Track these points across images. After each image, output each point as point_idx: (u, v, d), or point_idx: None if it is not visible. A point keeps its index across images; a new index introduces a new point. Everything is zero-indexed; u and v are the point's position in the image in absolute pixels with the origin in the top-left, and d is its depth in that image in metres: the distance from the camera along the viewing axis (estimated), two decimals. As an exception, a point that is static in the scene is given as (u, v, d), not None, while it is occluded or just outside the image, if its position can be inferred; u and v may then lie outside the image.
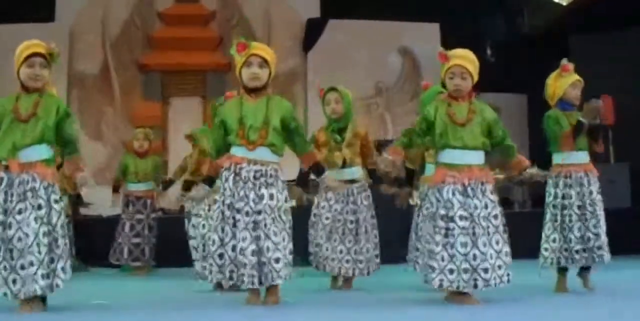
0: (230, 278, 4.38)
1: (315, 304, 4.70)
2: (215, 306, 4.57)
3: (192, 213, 6.92)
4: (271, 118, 4.51)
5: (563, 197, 5.12)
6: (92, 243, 8.49)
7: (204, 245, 5.79)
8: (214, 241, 4.43)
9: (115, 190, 8.17)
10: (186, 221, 7.03)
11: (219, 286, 5.71)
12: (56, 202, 4.27)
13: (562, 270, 5.19)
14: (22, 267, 4.11)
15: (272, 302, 4.47)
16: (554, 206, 5.16)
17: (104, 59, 12.21)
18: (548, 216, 5.19)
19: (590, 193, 5.12)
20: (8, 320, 4.01)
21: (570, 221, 5.09)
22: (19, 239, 4.13)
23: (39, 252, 4.12)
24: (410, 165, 5.96)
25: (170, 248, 7.73)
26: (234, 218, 4.39)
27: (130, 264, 7.91)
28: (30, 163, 4.25)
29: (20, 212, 4.17)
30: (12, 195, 4.20)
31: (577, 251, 5.07)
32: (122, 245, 7.90)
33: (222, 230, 4.41)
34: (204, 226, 5.87)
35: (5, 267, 4.13)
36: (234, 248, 4.36)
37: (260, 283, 4.38)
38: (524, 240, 6.51)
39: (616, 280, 5.73)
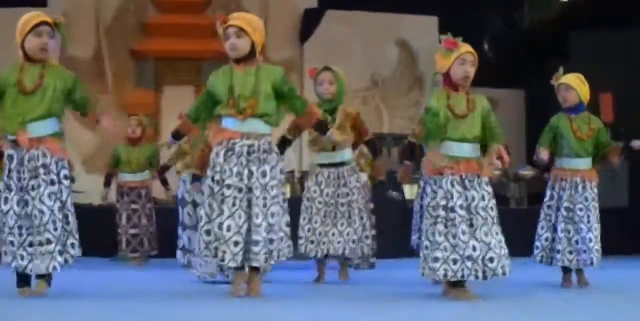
0: (215, 255, 4.36)
1: (306, 298, 4.63)
2: (201, 298, 4.51)
3: (187, 200, 6.86)
4: (260, 87, 4.42)
5: (557, 199, 5.28)
6: (82, 232, 8.37)
7: None
8: (201, 218, 4.43)
9: (107, 183, 8.00)
10: (180, 208, 6.95)
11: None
12: (65, 177, 4.29)
13: (565, 268, 5.32)
14: (40, 244, 4.16)
15: (253, 292, 4.42)
16: (549, 207, 5.35)
17: (97, 45, 12.10)
18: (542, 216, 5.38)
19: (585, 199, 5.26)
20: (5, 304, 3.98)
21: (557, 222, 5.26)
22: (35, 216, 4.17)
23: (55, 229, 4.17)
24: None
25: (164, 238, 7.64)
26: (222, 194, 4.35)
27: (129, 255, 7.80)
28: (40, 138, 4.25)
29: (33, 188, 4.19)
30: (24, 172, 4.21)
31: (558, 251, 5.21)
32: (121, 236, 7.81)
33: (210, 206, 4.38)
34: None
35: (19, 243, 4.17)
36: (220, 226, 4.32)
37: (242, 262, 4.34)
38: (519, 237, 6.45)
39: (614, 279, 5.71)
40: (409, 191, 9.27)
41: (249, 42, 4.45)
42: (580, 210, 5.22)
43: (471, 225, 4.35)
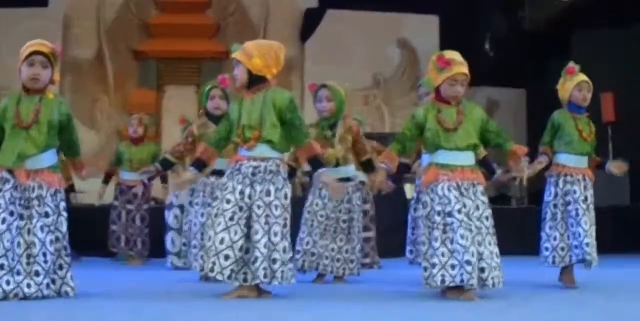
0: (211, 269, 4.32)
1: (307, 297, 4.63)
2: (201, 298, 4.51)
3: (174, 204, 6.96)
4: (266, 116, 4.43)
5: (565, 194, 5.13)
6: (84, 232, 8.37)
7: (199, 234, 5.82)
8: (202, 235, 4.52)
9: (106, 180, 8.02)
10: (166, 211, 7.08)
11: (205, 277, 5.67)
12: (65, 209, 4.26)
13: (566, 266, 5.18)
14: (19, 273, 4.07)
15: (263, 296, 4.45)
16: (555, 205, 5.17)
17: (98, 45, 12.12)
18: (548, 215, 5.19)
19: (586, 198, 5.16)
20: (4, 304, 3.95)
21: (577, 215, 5.07)
22: (26, 246, 4.11)
23: (45, 261, 4.12)
24: (405, 159, 5.85)
25: (161, 239, 7.65)
26: (218, 208, 4.37)
27: (127, 252, 7.82)
28: (37, 170, 4.22)
29: (24, 218, 4.15)
30: (19, 198, 4.16)
31: (575, 247, 5.06)
32: (119, 233, 7.81)
33: (212, 223, 4.39)
34: (202, 215, 5.79)
35: (9, 267, 4.09)
36: (209, 238, 4.33)
37: (238, 279, 4.34)
38: (520, 236, 6.46)
39: (614, 278, 5.71)
40: (409, 190, 9.29)
41: (245, 71, 4.46)
42: (584, 209, 5.08)
43: (471, 231, 4.32)
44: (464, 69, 4.49)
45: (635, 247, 8.72)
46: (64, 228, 4.23)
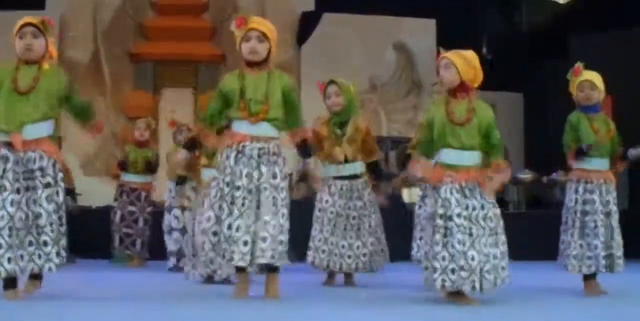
0: (224, 256, 4.37)
1: (312, 300, 4.64)
2: (202, 300, 4.51)
3: (173, 205, 6.99)
4: (273, 92, 4.47)
5: (584, 203, 5.09)
6: (80, 234, 8.37)
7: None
8: (209, 218, 4.44)
9: (116, 176, 8.07)
10: (166, 213, 7.10)
11: (208, 279, 5.65)
12: (62, 180, 4.33)
13: (591, 275, 5.14)
14: (37, 245, 4.17)
15: (270, 293, 4.46)
16: (575, 212, 5.11)
17: (94, 48, 12.11)
18: (576, 223, 5.11)
19: (612, 201, 5.14)
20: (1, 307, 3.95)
21: (595, 227, 5.05)
22: (33, 218, 4.18)
23: (52, 231, 4.20)
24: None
25: (161, 241, 7.65)
26: (232, 196, 4.39)
27: (126, 252, 7.83)
28: (36, 140, 4.25)
29: (30, 189, 4.20)
30: (22, 172, 4.20)
31: (604, 257, 5.03)
32: (114, 234, 7.85)
33: (220, 207, 4.41)
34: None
35: (7, 245, 4.11)
36: (229, 226, 4.35)
37: (250, 261, 4.36)
38: (517, 241, 6.42)
39: (615, 283, 5.68)
40: (407, 195, 9.27)
41: (268, 48, 4.52)
42: (608, 214, 5.08)
43: (471, 235, 4.31)
44: (449, 54, 4.49)
45: (634, 253, 8.69)
46: (61, 198, 4.29)
